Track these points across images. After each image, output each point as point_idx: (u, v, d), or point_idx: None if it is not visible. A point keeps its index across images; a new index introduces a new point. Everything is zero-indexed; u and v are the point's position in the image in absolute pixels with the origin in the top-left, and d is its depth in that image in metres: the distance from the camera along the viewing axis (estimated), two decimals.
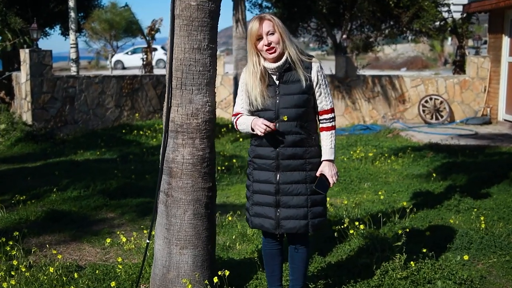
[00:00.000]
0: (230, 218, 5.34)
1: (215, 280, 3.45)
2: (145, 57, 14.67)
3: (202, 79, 3.37)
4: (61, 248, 4.80)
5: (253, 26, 3.17)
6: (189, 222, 3.44)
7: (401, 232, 4.40)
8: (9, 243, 4.46)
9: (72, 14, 13.31)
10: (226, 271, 3.47)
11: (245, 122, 3.24)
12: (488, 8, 12.17)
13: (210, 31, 3.35)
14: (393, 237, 4.51)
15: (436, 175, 7.17)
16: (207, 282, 3.47)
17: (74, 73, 13.21)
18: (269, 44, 3.15)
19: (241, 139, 10.58)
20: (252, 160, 3.33)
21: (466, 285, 3.79)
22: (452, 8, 13.17)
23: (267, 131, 3.10)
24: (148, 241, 3.67)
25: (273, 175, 3.24)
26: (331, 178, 3.25)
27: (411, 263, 3.89)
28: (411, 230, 4.67)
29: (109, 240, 4.66)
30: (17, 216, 5.62)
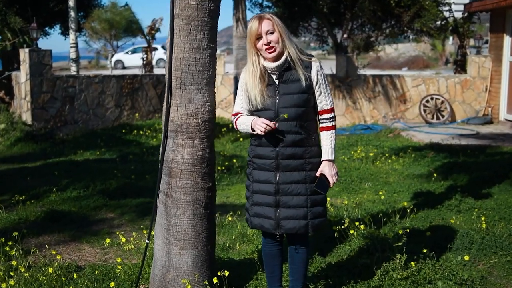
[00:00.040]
0: (230, 218, 5.33)
1: (215, 280, 3.44)
2: (145, 56, 14.66)
3: (201, 78, 3.36)
4: (60, 249, 4.79)
5: (252, 25, 3.16)
6: (188, 222, 3.43)
7: (401, 232, 4.39)
8: (8, 243, 4.45)
9: (72, 13, 13.30)
10: (226, 271, 3.46)
11: (245, 122, 3.23)
12: (489, 8, 12.15)
13: (210, 30, 3.34)
14: (393, 237, 4.50)
15: (437, 175, 7.15)
16: (206, 282, 3.46)
17: (74, 73, 13.21)
18: (269, 43, 3.14)
19: (241, 139, 10.56)
20: (251, 160, 3.31)
21: (467, 285, 3.77)
22: (453, 7, 13.17)
23: (267, 130, 3.09)
24: (148, 241, 3.66)
25: (273, 175, 3.22)
26: (331, 178, 3.23)
27: (412, 263, 3.88)
28: (411, 230, 4.65)
29: (108, 241, 4.65)
30: (17, 216, 5.62)
